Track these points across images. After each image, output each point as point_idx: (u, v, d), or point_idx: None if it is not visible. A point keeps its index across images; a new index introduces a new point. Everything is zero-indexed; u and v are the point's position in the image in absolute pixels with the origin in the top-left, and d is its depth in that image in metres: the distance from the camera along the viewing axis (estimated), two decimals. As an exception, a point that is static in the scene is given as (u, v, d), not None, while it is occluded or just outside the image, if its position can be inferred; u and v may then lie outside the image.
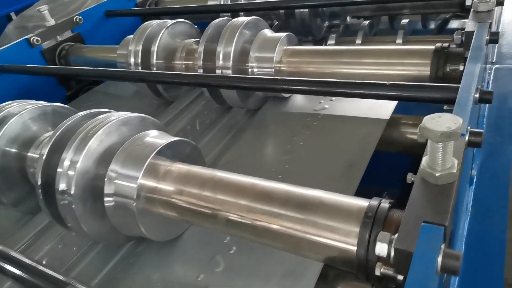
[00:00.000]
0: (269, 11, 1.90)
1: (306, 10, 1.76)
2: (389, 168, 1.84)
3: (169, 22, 1.61)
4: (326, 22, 1.91)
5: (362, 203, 0.67)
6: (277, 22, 2.06)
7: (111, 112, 1.08)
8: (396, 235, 0.49)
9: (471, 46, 0.86)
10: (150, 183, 0.89)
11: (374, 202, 0.66)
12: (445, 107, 1.30)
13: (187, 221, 0.90)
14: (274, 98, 1.45)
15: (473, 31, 0.90)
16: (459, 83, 1.01)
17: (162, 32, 1.55)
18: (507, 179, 1.19)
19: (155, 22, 1.67)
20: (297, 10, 1.79)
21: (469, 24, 0.94)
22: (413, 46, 1.14)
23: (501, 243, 1.03)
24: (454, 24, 2.45)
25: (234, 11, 1.94)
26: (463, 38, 0.93)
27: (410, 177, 0.67)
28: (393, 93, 0.86)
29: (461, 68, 0.97)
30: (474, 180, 1.17)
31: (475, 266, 0.96)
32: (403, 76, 1.13)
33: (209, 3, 2.13)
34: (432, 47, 1.10)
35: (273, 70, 1.34)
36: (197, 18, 2.32)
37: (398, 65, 1.13)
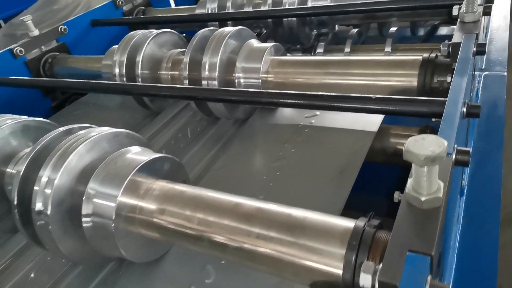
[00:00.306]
0: (257, 19, 1.88)
1: (294, 18, 1.74)
2: (380, 177, 1.82)
3: (155, 32, 1.58)
4: (315, 30, 1.90)
5: (349, 224, 0.65)
6: (265, 31, 2.05)
7: (92, 127, 1.04)
8: (381, 265, 0.47)
9: (458, 58, 0.84)
10: (130, 202, 0.85)
11: (361, 223, 0.64)
12: (433, 118, 1.29)
13: (169, 241, 0.87)
14: (261, 109, 1.43)
15: (460, 43, 0.88)
16: (447, 95, 0.99)
17: (147, 42, 1.53)
18: (498, 187, 1.17)
19: (140, 32, 1.64)
20: (285, 19, 1.77)
21: (455, 35, 0.93)
22: (400, 57, 1.12)
23: (493, 254, 1.02)
24: (443, 30, 2.45)
25: (222, 20, 1.92)
26: (450, 50, 0.92)
27: (397, 196, 0.65)
28: (379, 107, 0.84)
29: (448, 79, 0.95)
30: (465, 190, 1.15)
31: (468, 279, 0.94)
32: (391, 87, 1.11)
33: (197, 11, 2.11)
34: (420, 57, 1.08)
35: (260, 80, 1.32)
36: (185, 27, 2.30)
37: (386, 76, 1.12)
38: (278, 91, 1.00)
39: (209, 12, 2.02)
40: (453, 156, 0.59)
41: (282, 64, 1.32)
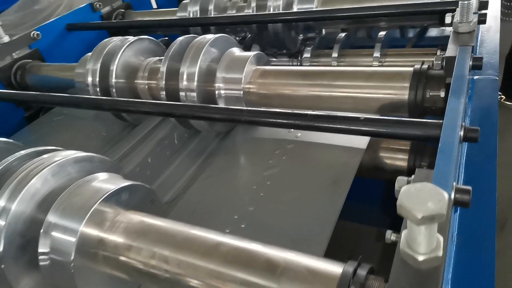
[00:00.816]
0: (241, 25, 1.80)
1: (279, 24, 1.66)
2: (372, 186, 1.75)
3: (131, 38, 1.49)
4: (301, 35, 1.82)
5: (336, 270, 0.57)
6: (249, 35, 1.96)
7: (58, 150, 0.96)
8: None
9: (453, 75, 0.77)
10: (93, 236, 0.77)
11: (349, 269, 0.56)
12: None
13: (137, 282, 0.78)
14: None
15: (455, 57, 0.81)
16: (441, 112, 0.92)
17: (122, 49, 1.43)
18: (493, 201, 1.12)
19: (116, 38, 1.55)
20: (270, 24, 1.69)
21: (449, 48, 0.85)
22: (391, 68, 1.05)
23: (489, 277, 0.97)
24: (433, 31, 2.40)
25: (204, 25, 1.82)
26: (444, 64, 0.84)
27: (389, 236, 0.57)
28: (367, 129, 0.76)
29: (442, 94, 0.88)
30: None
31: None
32: (380, 100, 1.04)
33: (178, 14, 2.02)
34: (411, 69, 1.01)
35: (242, 92, 1.23)
36: (167, 30, 2.20)
37: (375, 88, 1.04)
38: (258, 109, 0.92)
39: (191, 15, 1.93)
40: (452, 195, 0.51)
41: (265, 74, 1.24)
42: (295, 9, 1.73)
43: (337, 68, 1.14)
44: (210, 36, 1.32)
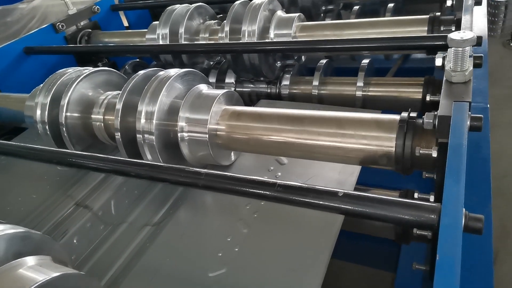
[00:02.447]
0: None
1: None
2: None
3: (88, 70, 1.33)
4: (279, 62, 1.68)
5: None
6: (224, 60, 1.82)
7: None
8: None
9: (449, 145, 0.64)
10: None
11: None
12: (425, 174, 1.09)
13: None
14: (212, 166, 1.20)
15: (449, 117, 0.68)
16: (432, 167, 0.79)
17: (76, 82, 1.28)
18: (489, 247, 1.02)
19: (72, 69, 1.39)
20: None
21: (443, 103, 0.72)
22: (376, 115, 0.92)
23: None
24: (418, 54, 2.30)
25: (175, 53, 1.68)
26: (436, 122, 0.71)
27: None
28: (347, 207, 0.62)
29: (434, 154, 0.75)
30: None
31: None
32: (364, 151, 0.91)
33: (147, 36, 1.87)
34: (397, 117, 0.88)
35: (207, 135, 1.09)
36: (137, 55, 2.05)
37: (359, 137, 0.91)
38: (218, 172, 0.77)
39: (160, 37, 1.78)
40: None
41: (235, 115, 1.09)
42: (271, 34, 1.60)
43: (316, 112, 1.00)
44: (174, 71, 1.17)
